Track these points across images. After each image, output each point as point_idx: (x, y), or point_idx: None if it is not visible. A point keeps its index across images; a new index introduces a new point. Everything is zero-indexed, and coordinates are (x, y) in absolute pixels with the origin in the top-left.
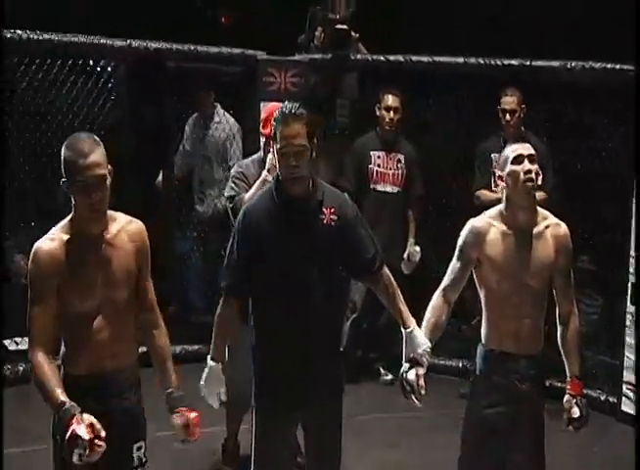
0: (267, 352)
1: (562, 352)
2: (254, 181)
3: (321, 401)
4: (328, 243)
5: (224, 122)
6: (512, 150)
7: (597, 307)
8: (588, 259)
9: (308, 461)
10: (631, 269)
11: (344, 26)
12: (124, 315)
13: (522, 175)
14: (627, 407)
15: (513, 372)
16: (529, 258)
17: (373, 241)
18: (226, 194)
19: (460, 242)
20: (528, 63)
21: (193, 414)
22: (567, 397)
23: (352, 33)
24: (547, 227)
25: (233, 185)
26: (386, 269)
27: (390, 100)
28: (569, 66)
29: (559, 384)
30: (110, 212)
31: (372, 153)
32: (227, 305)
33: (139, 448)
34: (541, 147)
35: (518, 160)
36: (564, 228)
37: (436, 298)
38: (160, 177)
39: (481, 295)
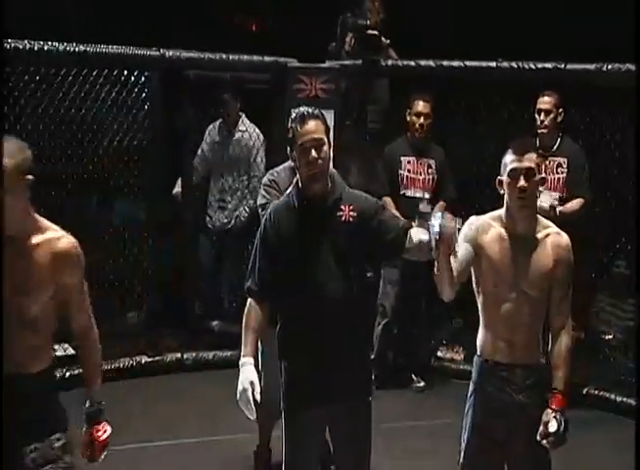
0: (293, 352)
1: (552, 364)
2: (286, 189)
3: (347, 400)
4: (348, 239)
5: (250, 132)
6: (511, 160)
7: (631, 313)
8: (625, 265)
9: (337, 465)
10: None
11: (375, 32)
12: (32, 325)
13: (515, 191)
14: None
15: (508, 383)
16: (527, 264)
17: (398, 223)
18: (259, 202)
19: (460, 235)
20: (563, 66)
21: (102, 432)
22: (548, 410)
23: (383, 39)
24: (547, 236)
25: (265, 193)
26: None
27: (421, 106)
28: (604, 68)
29: (596, 392)
30: (43, 224)
31: (402, 158)
32: (253, 307)
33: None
34: (577, 152)
35: (513, 174)
36: (565, 238)
37: None
38: (179, 186)
39: (479, 302)
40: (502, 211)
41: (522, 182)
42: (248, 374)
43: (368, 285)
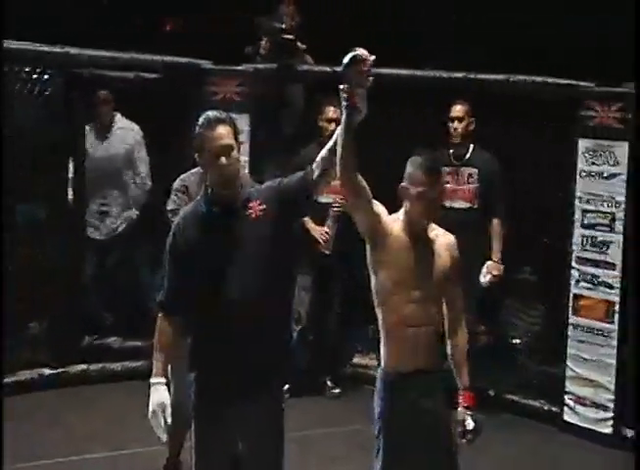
0: (206, 361)
1: (451, 364)
2: (197, 195)
3: (259, 407)
4: (263, 237)
5: (127, 129)
6: (421, 181)
7: (538, 318)
8: (530, 270)
9: None
10: (572, 280)
11: (290, 36)
12: None
13: (422, 208)
14: (569, 417)
15: (413, 392)
16: (428, 264)
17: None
18: (168, 207)
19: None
20: (473, 76)
21: None
22: (460, 409)
23: (298, 44)
24: (438, 236)
25: (175, 198)
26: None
27: (332, 112)
28: (511, 79)
29: (503, 394)
30: None
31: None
32: (164, 322)
33: None
34: (491, 163)
35: (421, 196)
36: (453, 238)
37: None
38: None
39: (378, 311)
40: (400, 213)
41: (431, 194)
42: (159, 396)
43: (284, 284)
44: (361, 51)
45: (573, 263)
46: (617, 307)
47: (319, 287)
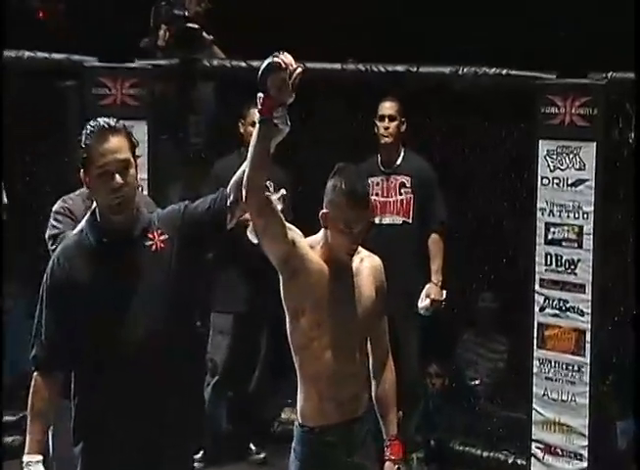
0: (97, 428)
1: (376, 409)
2: (83, 218)
3: None
4: (165, 273)
5: None
6: (346, 202)
7: (501, 353)
8: (491, 297)
9: None
10: (537, 308)
11: (195, 25)
12: None
13: (345, 242)
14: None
15: (339, 447)
16: (351, 298)
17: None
18: (48, 233)
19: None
20: (415, 69)
21: None
22: (387, 463)
23: (205, 34)
24: (362, 261)
25: (55, 222)
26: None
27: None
28: (460, 72)
29: (459, 447)
30: None
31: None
32: (40, 383)
33: None
34: (426, 170)
35: (344, 228)
36: (379, 260)
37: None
38: None
39: (295, 355)
40: (319, 239)
41: (357, 228)
42: None
43: (196, 335)
44: (283, 57)
45: (537, 287)
46: (588, 337)
47: (240, 328)
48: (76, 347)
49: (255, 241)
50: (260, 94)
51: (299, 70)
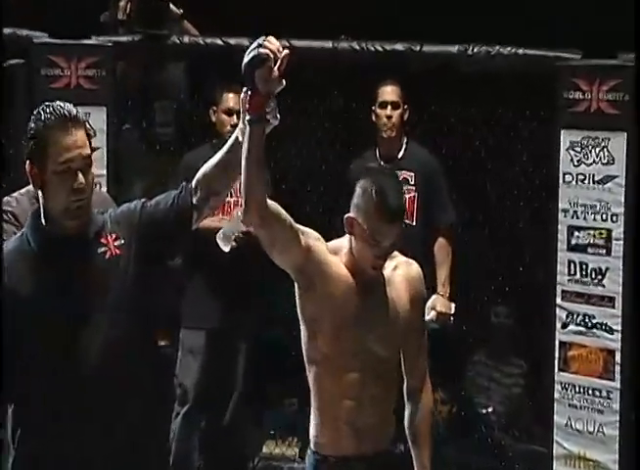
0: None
1: (409, 438)
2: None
3: None
4: (120, 284)
5: None
6: (380, 214)
7: (518, 377)
8: (505, 312)
9: None
10: (558, 323)
11: None
12: None
13: (371, 256)
14: None
15: None
16: (376, 312)
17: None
18: None
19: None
20: (418, 48)
21: None
22: None
23: (173, 7)
24: (396, 268)
25: None
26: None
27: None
28: (469, 51)
29: None
30: None
31: None
32: None
33: None
34: (432, 164)
35: (376, 241)
36: (416, 268)
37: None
38: None
39: (309, 372)
40: (344, 244)
41: (387, 241)
42: None
43: (160, 356)
44: (269, 45)
45: (559, 300)
46: (618, 358)
47: (214, 347)
48: (14, 373)
49: (226, 249)
50: (247, 90)
51: (287, 52)
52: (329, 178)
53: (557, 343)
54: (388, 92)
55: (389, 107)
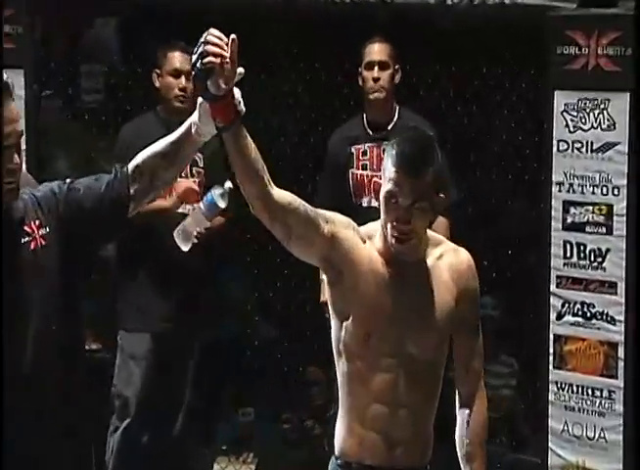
0: None
1: (459, 451)
2: None
3: None
4: (45, 280)
5: None
6: (394, 166)
7: (507, 377)
8: (492, 303)
9: None
10: (552, 313)
11: None
12: None
13: (390, 229)
14: None
15: None
16: (414, 308)
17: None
18: None
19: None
20: None
21: None
22: None
23: None
24: (441, 257)
25: None
26: None
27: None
28: (449, 1)
29: None
30: None
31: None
32: None
33: None
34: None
35: (387, 196)
36: (466, 256)
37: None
38: None
39: (338, 368)
40: (377, 228)
41: (402, 213)
42: None
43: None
44: (211, 48)
45: (553, 287)
46: (621, 352)
47: (160, 352)
48: None
49: (186, 248)
50: (203, 102)
51: (234, 40)
52: (307, 149)
53: (551, 336)
54: (375, 51)
55: (377, 67)
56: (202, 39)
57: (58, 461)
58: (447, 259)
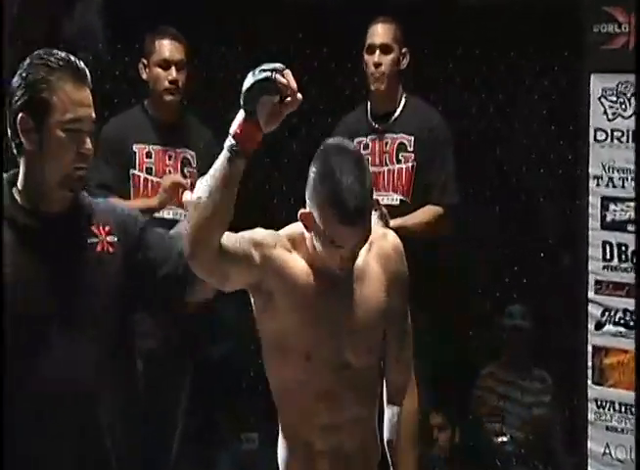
0: None
1: (387, 452)
2: None
3: None
4: (107, 285)
5: None
6: (338, 218)
7: (540, 394)
8: (522, 312)
9: None
10: (590, 323)
11: None
12: None
13: (329, 258)
14: None
15: None
16: (350, 315)
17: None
18: None
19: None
20: None
21: None
22: None
23: None
24: (370, 247)
25: None
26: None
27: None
28: None
29: None
30: None
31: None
32: None
33: None
34: (436, 126)
35: (337, 241)
36: (393, 240)
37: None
38: None
39: (275, 394)
40: (301, 231)
41: (348, 249)
42: None
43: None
44: (287, 78)
45: (591, 293)
46: None
47: (150, 373)
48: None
49: None
50: (241, 116)
51: (299, 98)
52: (308, 143)
53: (590, 348)
54: (378, 33)
55: (378, 51)
56: (276, 65)
57: None
58: (375, 249)
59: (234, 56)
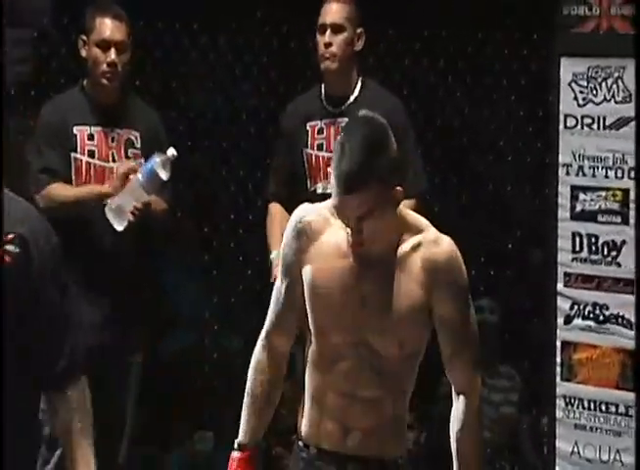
0: None
1: (453, 448)
2: None
3: None
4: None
5: None
6: (334, 164)
7: (508, 391)
8: (490, 306)
9: None
10: (560, 319)
11: None
12: None
13: (345, 232)
14: None
15: None
16: (375, 298)
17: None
18: None
19: (283, 247)
20: None
21: None
22: None
23: None
24: (417, 247)
25: None
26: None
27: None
28: None
29: None
30: None
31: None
32: None
33: None
34: (395, 111)
35: (337, 210)
36: (448, 247)
37: (258, 352)
38: None
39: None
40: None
41: (354, 212)
42: None
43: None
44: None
45: (560, 286)
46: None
47: (97, 371)
48: None
49: (120, 227)
50: None
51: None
52: (258, 124)
53: (558, 343)
54: (330, 12)
55: (329, 31)
56: None
57: None
58: (423, 250)
59: (190, 35)
